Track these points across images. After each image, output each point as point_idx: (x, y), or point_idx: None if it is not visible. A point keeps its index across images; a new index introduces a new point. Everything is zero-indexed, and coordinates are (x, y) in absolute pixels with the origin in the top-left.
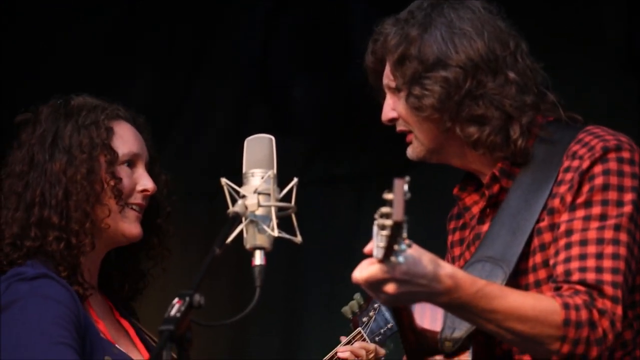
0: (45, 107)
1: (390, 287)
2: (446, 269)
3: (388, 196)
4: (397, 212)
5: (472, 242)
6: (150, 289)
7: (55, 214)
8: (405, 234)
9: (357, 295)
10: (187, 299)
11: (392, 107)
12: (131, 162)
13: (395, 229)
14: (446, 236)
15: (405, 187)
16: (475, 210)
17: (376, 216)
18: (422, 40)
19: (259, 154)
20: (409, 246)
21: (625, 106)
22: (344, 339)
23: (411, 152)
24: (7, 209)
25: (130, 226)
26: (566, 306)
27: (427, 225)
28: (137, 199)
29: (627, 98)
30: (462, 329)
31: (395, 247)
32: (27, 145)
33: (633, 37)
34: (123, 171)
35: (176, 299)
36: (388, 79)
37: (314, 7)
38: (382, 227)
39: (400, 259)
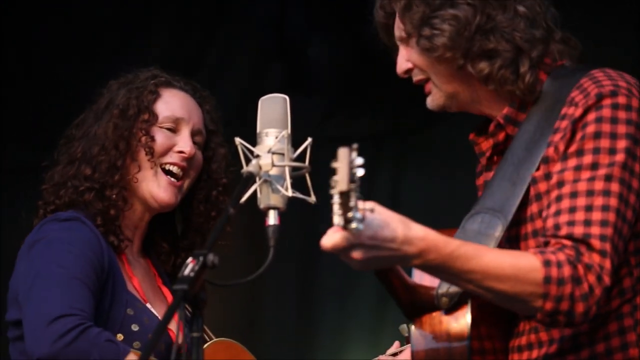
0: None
1: (357, 254)
2: (417, 231)
3: (335, 164)
4: (342, 181)
5: (483, 187)
6: None
7: (88, 167)
8: (354, 202)
9: None
10: (201, 258)
11: (406, 58)
12: (173, 127)
13: (344, 197)
14: (463, 194)
15: (354, 154)
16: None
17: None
18: None
19: (273, 114)
20: (371, 211)
21: None
22: (393, 347)
23: (431, 101)
24: (57, 165)
25: (159, 190)
26: (547, 263)
27: (442, 185)
28: (172, 158)
29: None
30: None
31: (349, 214)
32: (89, 112)
33: None
34: (161, 133)
35: (190, 259)
36: (399, 29)
37: None
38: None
39: (359, 226)
